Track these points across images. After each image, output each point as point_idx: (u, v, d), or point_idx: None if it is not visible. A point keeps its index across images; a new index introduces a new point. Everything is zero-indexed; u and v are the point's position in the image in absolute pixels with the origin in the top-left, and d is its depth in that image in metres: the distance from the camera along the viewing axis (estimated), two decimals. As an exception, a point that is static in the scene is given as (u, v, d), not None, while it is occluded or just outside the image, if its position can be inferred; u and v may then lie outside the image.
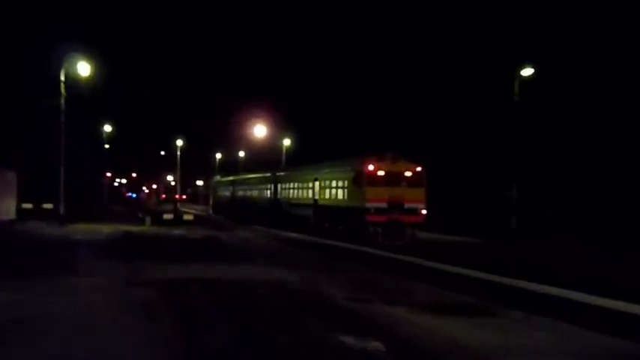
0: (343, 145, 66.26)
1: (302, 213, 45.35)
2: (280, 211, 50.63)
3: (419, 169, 37.01)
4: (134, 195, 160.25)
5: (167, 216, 50.62)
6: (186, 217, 51.16)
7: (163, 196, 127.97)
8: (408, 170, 36.73)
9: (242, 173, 74.21)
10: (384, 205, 35.77)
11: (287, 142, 77.86)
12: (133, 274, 19.19)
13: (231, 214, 65.38)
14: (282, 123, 79.17)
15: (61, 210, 45.24)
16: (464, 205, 57.77)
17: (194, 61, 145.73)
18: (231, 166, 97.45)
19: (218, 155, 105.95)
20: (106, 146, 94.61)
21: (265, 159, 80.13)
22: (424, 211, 36.44)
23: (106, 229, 40.51)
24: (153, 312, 13.72)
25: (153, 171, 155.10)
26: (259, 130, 72.78)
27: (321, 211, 42.13)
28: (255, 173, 64.04)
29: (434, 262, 24.81)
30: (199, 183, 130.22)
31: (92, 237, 33.75)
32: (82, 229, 39.47)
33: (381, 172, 36.34)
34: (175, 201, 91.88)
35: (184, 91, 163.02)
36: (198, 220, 52.47)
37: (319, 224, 42.24)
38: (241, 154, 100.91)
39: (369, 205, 35.87)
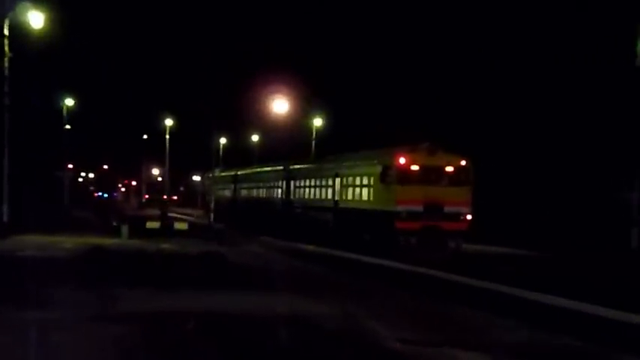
0: (390, 126, 66.56)
1: (320, 218, 48.03)
2: (294, 217, 53.30)
3: (463, 162, 39.29)
4: (106, 195, 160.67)
5: (152, 224, 51.21)
6: (177, 225, 52.05)
7: (146, 196, 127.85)
8: (450, 164, 39.11)
9: (247, 167, 75.86)
10: (418, 208, 38.11)
11: (318, 122, 77.44)
12: (103, 306, 19.39)
13: (233, 221, 66.83)
14: (311, 98, 78.88)
15: (4, 215, 45.44)
16: (520, 210, 59.91)
17: (190, 13, 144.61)
18: (241, 154, 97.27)
19: (222, 140, 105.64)
20: (67, 127, 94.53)
21: (288, 145, 79.93)
22: (469, 217, 38.84)
23: (67, 242, 40.76)
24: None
25: (132, 162, 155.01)
26: (280, 106, 72.15)
27: (343, 215, 44.71)
28: (264, 167, 66.83)
29: (505, 286, 24.65)
30: (196, 179, 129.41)
31: (49, 253, 33.86)
32: (34, 243, 39.64)
33: (415, 167, 38.79)
34: (164, 203, 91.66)
35: (176, 55, 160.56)
36: (195, 229, 52.79)
37: (341, 232, 44.76)
38: (255, 138, 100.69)
39: (399, 208, 38.25)
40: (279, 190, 57.52)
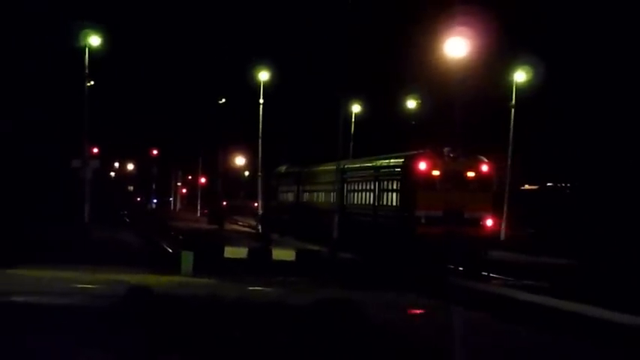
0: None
1: (365, 228, 50.29)
2: (347, 227, 53.54)
3: (485, 168, 43.01)
4: (155, 201, 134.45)
5: (235, 251, 41.95)
6: (279, 253, 42.72)
7: (225, 203, 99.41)
8: (471, 169, 42.80)
9: (313, 164, 68.32)
10: (438, 213, 42.17)
11: (519, 77, 60.65)
12: None
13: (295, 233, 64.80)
14: (508, 37, 63.80)
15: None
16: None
17: None
18: (385, 132, 78.50)
19: (355, 108, 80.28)
20: (90, 83, 63.18)
21: (470, 116, 60.57)
22: (489, 223, 43.09)
23: (86, 279, 33.42)
24: None
25: (197, 146, 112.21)
26: (455, 47, 51.42)
27: (379, 222, 47.89)
28: (323, 165, 63.92)
29: None
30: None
31: (53, 300, 26.96)
32: (28, 281, 32.60)
33: (436, 172, 42.73)
34: (262, 216, 74.66)
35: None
36: (305, 259, 43.34)
37: (378, 242, 46.95)
38: (411, 105, 75.79)
39: (420, 213, 42.42)
40: (333, 195, 57.68)
